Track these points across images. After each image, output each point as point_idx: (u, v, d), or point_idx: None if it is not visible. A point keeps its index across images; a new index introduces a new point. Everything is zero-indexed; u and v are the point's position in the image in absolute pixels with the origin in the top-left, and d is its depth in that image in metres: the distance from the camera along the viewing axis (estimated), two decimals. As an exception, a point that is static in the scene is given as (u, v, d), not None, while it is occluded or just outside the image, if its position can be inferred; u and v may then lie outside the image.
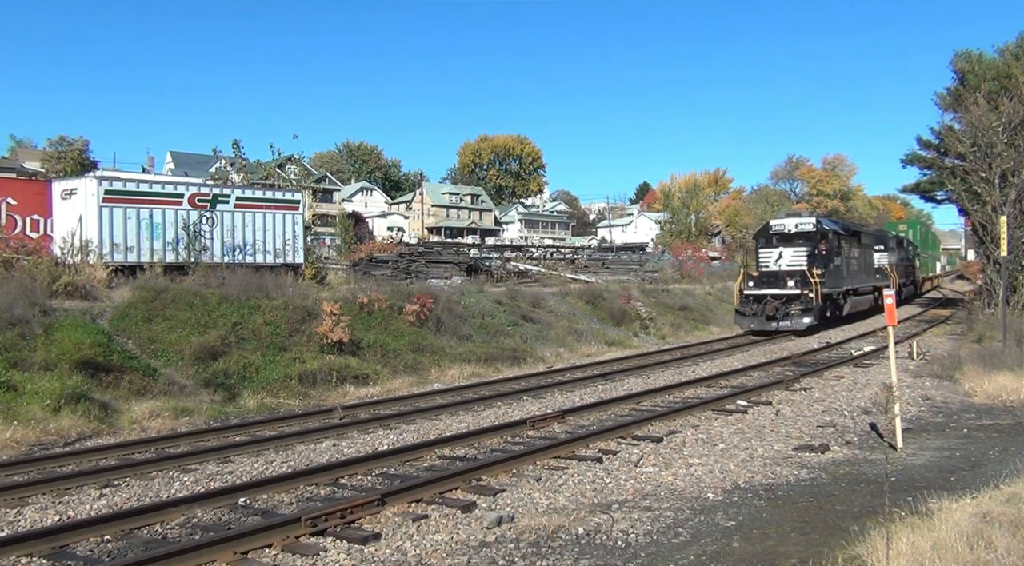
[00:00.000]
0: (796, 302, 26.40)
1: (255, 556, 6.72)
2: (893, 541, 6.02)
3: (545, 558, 6.63)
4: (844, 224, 35.19)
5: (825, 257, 28.14)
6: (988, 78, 28.69)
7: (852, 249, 32.47)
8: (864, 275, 34.03)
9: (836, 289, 29.29)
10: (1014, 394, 14.23)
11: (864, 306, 34.21)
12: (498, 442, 11.26)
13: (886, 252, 39.59)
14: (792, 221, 29.00)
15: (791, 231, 28.40)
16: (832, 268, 28.60)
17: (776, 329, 26.43)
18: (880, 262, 38.02)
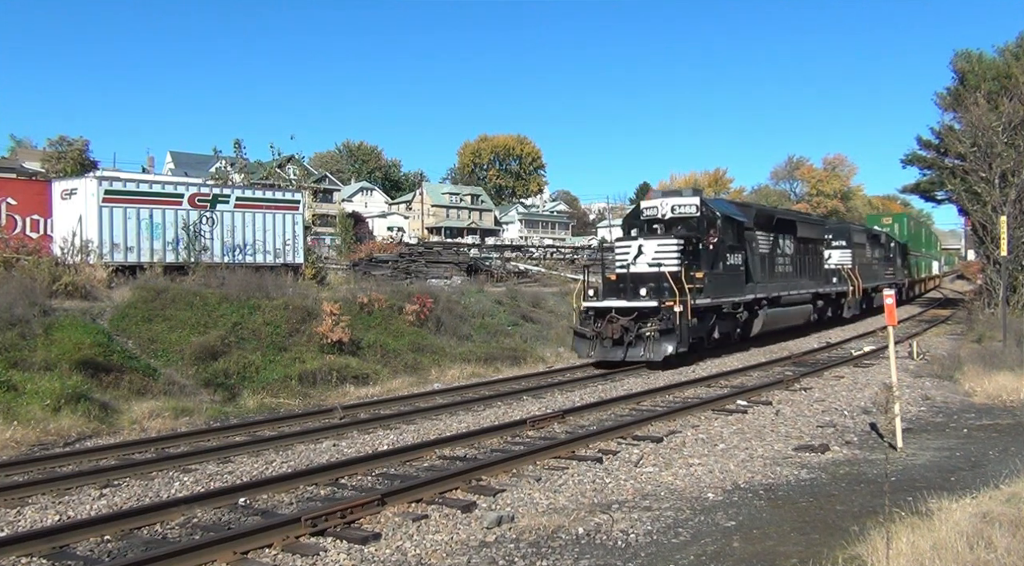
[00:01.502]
0: (654, 319, 18.51)
1: (255, 556, 6.72)
2: (893, 541, 6.02)
3: (545, 558, 6.63)
4: (761, 209, 27.45)
5: (712, 253, 20.59)
6: (988, 78, 28.69)
7: (777, 244, 25.66)
8: (802, 279, 27.32)
9: (729, 298, 21.16)
10: (1014, 394, 14.23)
11: (797, 320, 26.85)
12: (498, 442, 11.26)
13: (848, 250, 33.33)
14: (668, 202, 20.97)
15: (665, 216, 20.79)
16: (725, 269, 21.17)
17: (623, 359, 18.61)
18: (838, 262, 32.32)
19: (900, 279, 43.08)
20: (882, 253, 40.32)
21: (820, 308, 29.45)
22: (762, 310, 23.44)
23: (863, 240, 36.62)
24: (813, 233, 29.50)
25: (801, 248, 27.84)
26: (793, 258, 26.96)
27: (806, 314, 27.72)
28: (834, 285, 30.60)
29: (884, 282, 38.67)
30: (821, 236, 30.61)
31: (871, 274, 36.62)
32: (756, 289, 22.98)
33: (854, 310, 32.62)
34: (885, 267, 40.29)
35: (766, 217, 25.62)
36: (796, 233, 27.25)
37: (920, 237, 57.41)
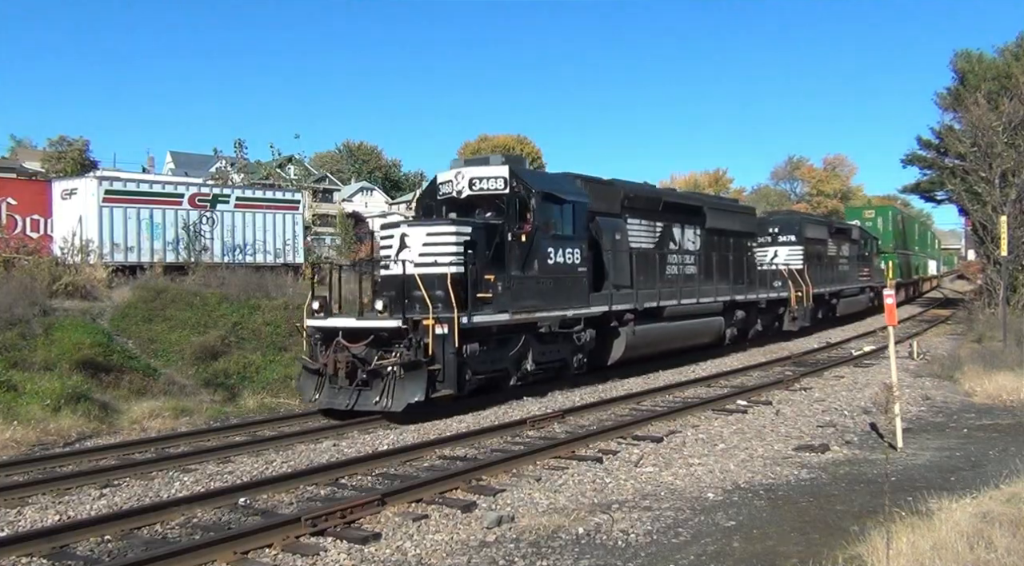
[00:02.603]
0: (399, 347, 12.77)
1: (255, 556, 6.72)
2: (893, 541, 6.02)
3: (545, 558, 6.63)
4: (635, 189, 19.85)
5: (525, 247, 14.58)
6: (988, 78, 28.68)
7: (670, 237, 20.14)
8: (713, 283, 21.23)
9: (552, 312, 15.11)
10: (1014, 394, 14.22)
11: (697, 338, 20.68)
12: (498, 442, 11.26)
13: (798, 247, 28.09)
14: (467, 174, 14.99)
15: (462, 193, 14.94)
16: (546, 269, 14.93)
17: (350, 407, 12.76)
18: (786, 261, 27.21)
19: (879, 281, 36.98)
20: (854, 251, 34.84)
21: (743, 320, 23.18)
22: (626, 327, 17.37)
23: (822, 235, 30.94)
24: (736, 224, 23.61)
25: (715, 243, 21.96)
26: (700, 256, 21.10)
27: (713, 330, 21.24)
28: (772, 290, 24.86)
29: (855, 285, 33.88)
30: (750, 229, 24.87)
31: (835, 276, 31.57)
32: (618, 298, 17.03)
33: (802, 321, 26.63)
34: (858, 267, 35.04)
35: (646, 200, 19.66)
36: (704, 223, 21.61)
37: (911, 233, 51.57)
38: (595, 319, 16.60)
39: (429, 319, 12.48)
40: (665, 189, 24.49)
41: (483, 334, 13.77)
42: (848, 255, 34.13)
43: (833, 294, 31.09)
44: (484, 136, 61.30)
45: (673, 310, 19.34)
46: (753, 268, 24.34)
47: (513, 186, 14.83)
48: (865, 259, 36.70)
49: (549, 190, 15.40)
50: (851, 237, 34.78)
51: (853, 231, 35.91)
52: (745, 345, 23.84)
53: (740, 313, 23.03)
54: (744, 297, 22.94)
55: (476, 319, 13.38)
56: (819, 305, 29.26)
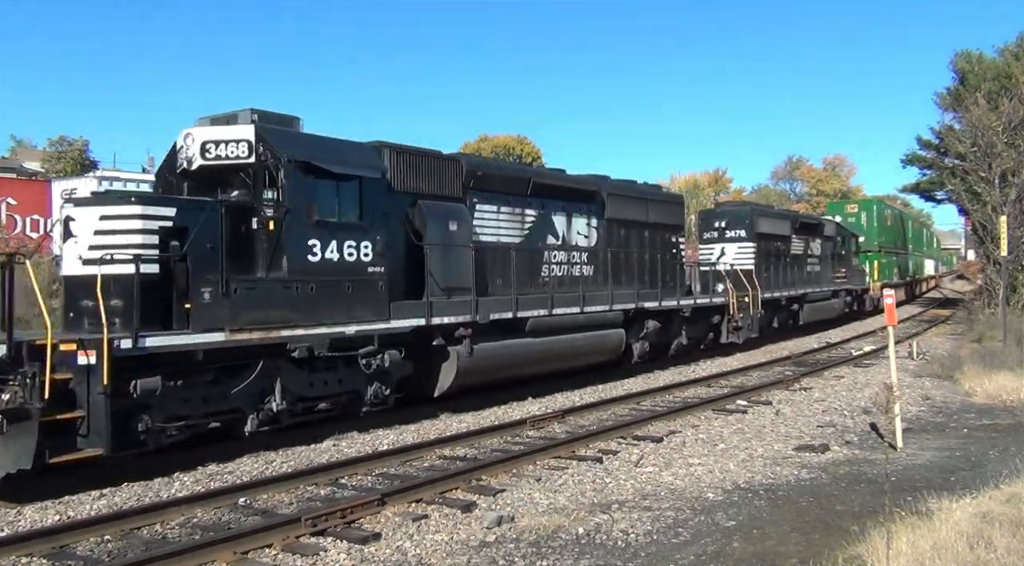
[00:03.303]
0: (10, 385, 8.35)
1: (255, 556, 6.72)
2: (893, 541, 6.02)
3: (545, 558, 6.63)
4: (483, 165, 15.89)
5: (271, 236, 10.82)
6: (988, 78, 28.66)
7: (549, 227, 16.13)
8: (611, 288, 16.98)
9: (318, 329, 11.11)
10: (1014, 394, 14.23)
11: (580, 358, 16.36)
12: (498, 442, 11.26)
13: (749, 244, 24.46)
14: (200, 136, 11.07)
15: (193, 161, 11.11)
16: (293, 269, 10.92)
17: None
18: (734, 260, 23.57)
19: (859, 283, 34.11)
20: (827, 249, 30.95)
21: (658, 332, 18.65)
22: (460, 346, 13.08)
23: (782, 230, 26.89)
24: (652, 215, 19.33)
25: (619, 238, 18.11)
26: (596, 253, 17.15)
27: (610, 346, 16.94)
28: (703, 295, 21.32)
29: (826, 288, 29.79)
30: (676, 221, 20.69)
31: (800, 278, 27.55)
32: (445, 308, 12.88)
33: (749, 331, 22.26)
34: (832, 268, 31.23)
35: (507, 180, 15.20)
36: (603, 212, 17.62)
37: (903, 230, 47.16)
38: (402, 337, 12.26)
39: (48, 341, 8.38)
40: (541, 169, 18.49)
41: (179, 364, 9.65)
42: (819, 254, 30.05)
43: (794, 299, 26.75)
44: (484, 136, 61.26)
45: (540, 323, 14.83)
46: (677, 268, 20.19)
47: (260, 153, 10.85)
48: (842, 258, 32.71)
49: (310, 159, 11.13)
50: (823, 233, 30.66)
51: (826, 227, 31.57)
52: (665, 363, 19.65)
53: (652, 324, 18.35)
54: (658, 304, 18.41)
55: (153, 342, 9.20)
56: (775, 311, 25.22)
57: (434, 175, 13.60)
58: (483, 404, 14.07)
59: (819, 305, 29.13)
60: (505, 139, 60.65)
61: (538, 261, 15.74)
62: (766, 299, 23.69)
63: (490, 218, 14.84)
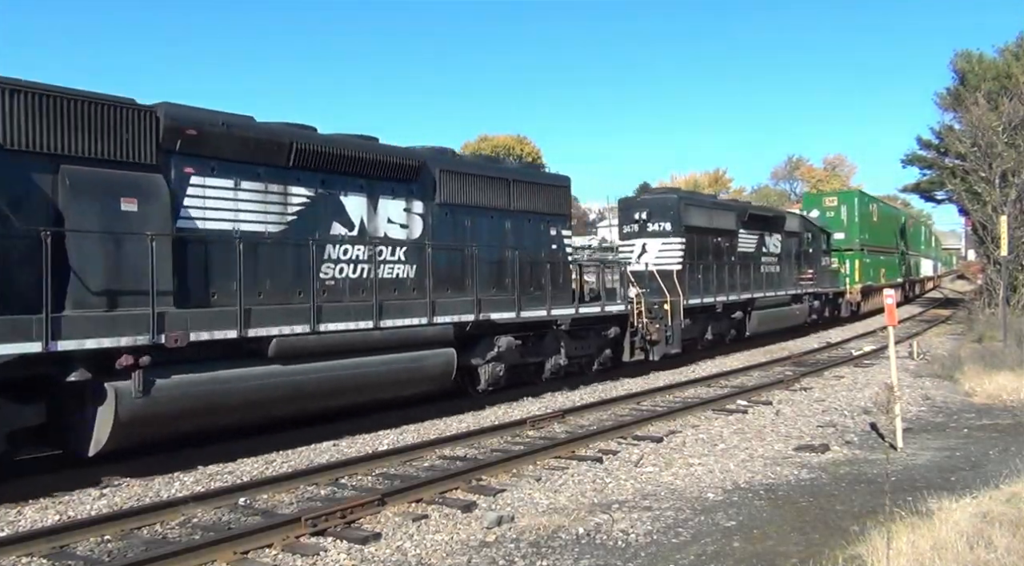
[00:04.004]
0: None
1: (255, 556, 6.72)
2: (893, 541, 6.02)
3: (545, 558, 6.63)
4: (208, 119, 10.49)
5: None
6: (988, 78, 28.69)
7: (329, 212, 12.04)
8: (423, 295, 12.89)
9: None
10: (1014, 394, 14.24)
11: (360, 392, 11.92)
12: (498, 442, 11.26)
13: (676, 240, 20.44)
14: None
15: None
16: None
17: None
18: (656, 261, 19.92)
19: (830, 286, 30.36)
20: (789, 246, 26.85)
21: (522, 351, 14.78)
22: (120, 384, 8.89)
23: (724, 223, 22.87)
24: (517, 201, 15.30)
25: (460, 228, 14.10)
26: (418, 250, 13.08)
27: (428, 372, 12.75)
28: (595, 303, 16.81)
29: (785, 291, 25.74)
30: (556, 209, 16.48)
31: (749, 280, 23.31)
32: (103, 324, 8.89)
33: (666, 347, 18.58)
34: (794, 268, 27.24)
35: (253, 143, 10.93)
36: (432, 196, 13.56)
37: (896, 227, 42.93)
38: None
39: None
40: (317, 134, 12.22)
41: None
42: (778, 252, 25.99)
43: (737, 305, 22.49)
44: (484, 136, 61.31)
45: (295, 344, 10.72)
46: (559, 269, 16.23)
47: None
48: (809, 257, 28.56)
49: None
50: (784, 228, 26.68)
51: (788, 221, 27.49)
52: (540, 383, 15.63)
53: (507, 341, 14.17)
54: (515, 315, 14.35)
55: None
56: (710, 321, 21.35)
57: (95, 130, 9.30)
58: (483, 404, 14.09)
59: (774, 312, 24.83)
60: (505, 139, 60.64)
61: (312, 258, 11.21)
62: (694, 306, 19.96)
63: (217, 196, 10.58)
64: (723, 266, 22.04)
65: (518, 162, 16.33)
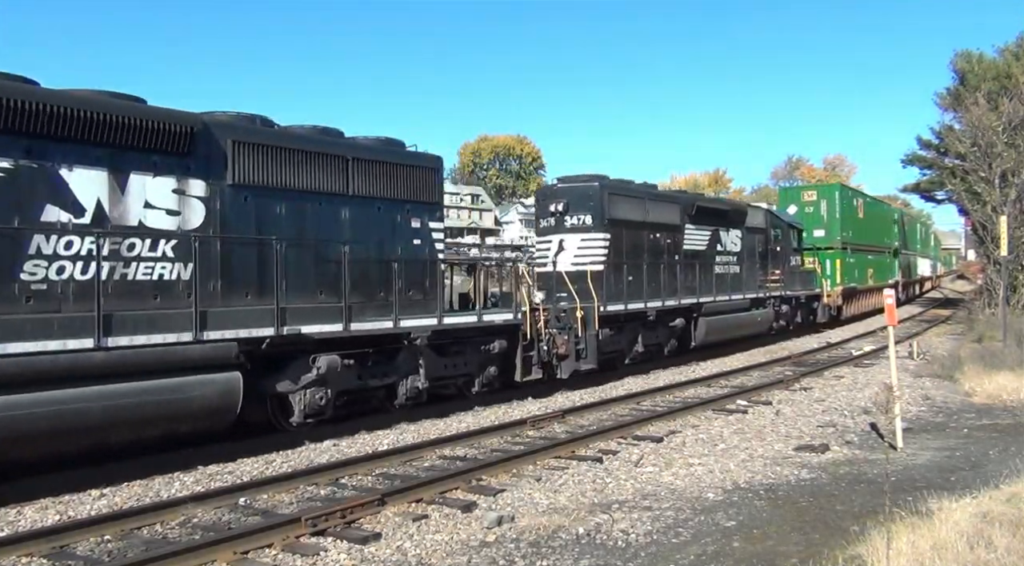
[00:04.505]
0: None
1: (255, 556, 6.72)
2: (893, 541, 6.03)
3: (545, 558, 6.63)
4: None
5: None
6: (988, 78, 28.70)
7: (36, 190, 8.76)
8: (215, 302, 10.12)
9: None
10: (1014, 394, 14.23)
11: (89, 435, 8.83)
12: (498, 442, 11.26)
13: (598, 235, 17.62)
14: None
15: None
16: None
17: None
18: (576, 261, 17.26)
19: (803, 288, 27.41)
20: (750, 243, 24.03)
21: (346, 374, 11.69)
22: None
23: (665, 217, 19.94)
24: (360, 182, 12.34)
25: (277, 216, 11.19)
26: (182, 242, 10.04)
27: (198, 406, 9.70)
28: (465, 313, 14.26)
29: (743, 295, 22.63)
30: (418, 194, 13.27)
31: (702, 282, 20.84)
32: None
33: (581, 362, 16.20)
34: (758, 268, 24.35)
35: None
36: (218, 175, 10.51)
37: (888, 225, 40.16)
38: None
39: None
40: None
41: None
42: (737, 250, 23.14)
43: (677, 312, 19.53)
44: (484, 136, 61.57)
45: None
46: (425, 270, 13.26)
47: None
48: (777, 256, 25.61)
49: None
50: (746, 224, 23.76)
51: (750, 215, 24.43)
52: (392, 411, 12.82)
53: (328, 361, 11.24)
54: (341, 328, 11.50)
55: None
56: (638, 331, 18.33)
57: None
58: (483, 404, 14.08)
59: (728, 319, 21.66)
60: (505, 139, 60.74)
61: None
62: (615, 313, 17.18)
63: None
64: (663, 266, 19.27)
65: (374, 139, 13.19)
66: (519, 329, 14.70)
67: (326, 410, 11.54)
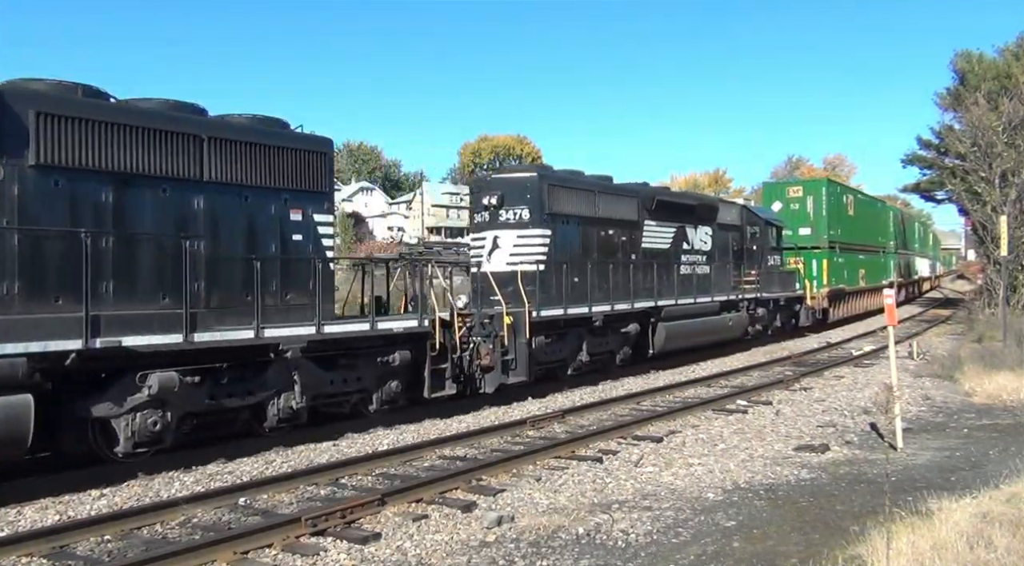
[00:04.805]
0: None
1: (255, 556, 6.72)
2: (893, 541, 6.02)
3: (545, 558, 6.63)
4: None
5: None
6: (988, 78, 28.70)
7: None
8: None
9: None
10: (1014, 394, 14.23)
11: None
12: (498, 442, 11.26)
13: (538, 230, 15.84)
14: None
15: None
16: None
17: None
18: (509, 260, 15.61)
19: (782, 290, 25.36)
20: (722, 242, 22.25)
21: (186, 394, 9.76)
22: None
23: (621, 212, 18.20)
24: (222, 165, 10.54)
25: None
26: None
27: None
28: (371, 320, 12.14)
29: (711, 298, 20.73)
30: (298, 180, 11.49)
31: (662, 284, 18.90)
32: None
33: (510, 375, 14.44)
34: (730, 268, 22.53)
35: None
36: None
37: (884, 224, 38.25)
38: None
39: None
40: None
41: None
42: (707, 249, 21.45)
43: (629, 316, 17.58)
44: (484, 136, 61.46)
45: None
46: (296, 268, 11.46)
47: None
48: (753, 256, 23.83)
49: None
50: (716, 220, 22.09)
51: (723, 211, 22.75)
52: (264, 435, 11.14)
53: (161, 379, 9.48)
54: (180, 339, 9.63)
55: None
56: (583, 339, 16.43)
57: None
58: (483, 404, 14.08)
59: (692, 324, 19.79)
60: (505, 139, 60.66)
61: None
62: (551, 319, 15.25)
63: None
64: (615, 266, 17.44)
65: (247, 117, 11.04)
66: (427, 338, 12.72)
67: (164, 437, 9.73)
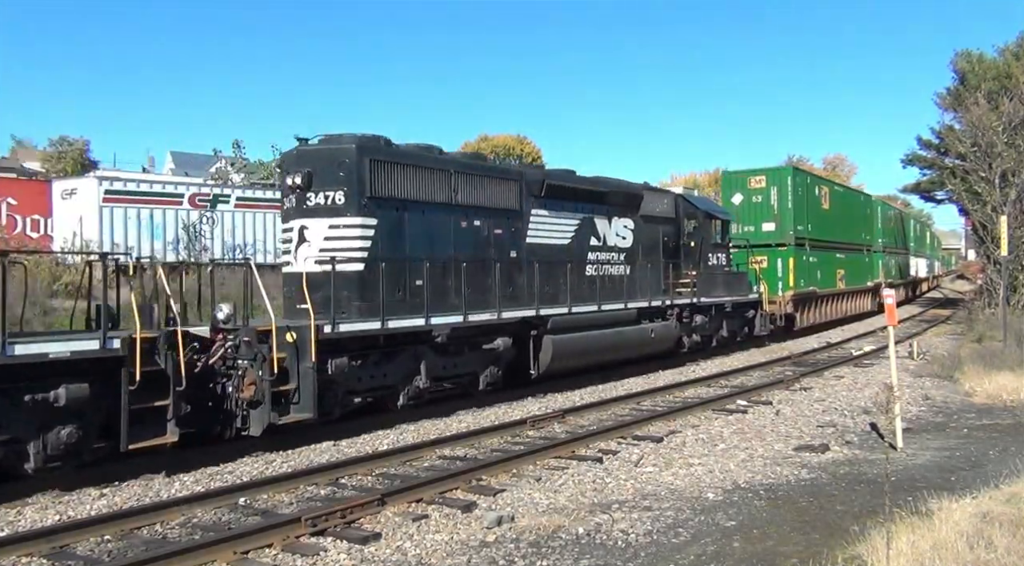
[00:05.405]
0: None
1: (255, 556, 6.72)
2: (893, 541, 6.03)
3: (545, 558, 6.63)
4: None
5: None
6: (988, 78, 28.72)
7: None
8: None
9: None
10: (1014, 394, 14.23)
11: None
12: (498, 442, 11.26)
13: (356, 219, 12.15)
14: None
15: None
16: None
17: None
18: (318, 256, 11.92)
19: (727, 293, 21.53)
20: (649, 237, 18.98)
21: None
22: None
23: (500, 200, 14.93)
24: None
25: None
26: None
27: None
28: None
29: (629, 304, 17.36)
30: None
31: (552, 287, 15.74)
32: None
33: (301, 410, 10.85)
34: (660, 268, 19.09)
35: None
36: None
37: (858, 217, 34.17)
38: None
39: None
40: None
41: None
42: (626, 245, 18.20)
43: (498, 328, 14.23)
44: (484, 136, 61.24)
45: None
46: None
47: None
48: (691, 254, 20.36)
49: None
50: (639, 210, 18.63)
51: (647, 199, 19.03)
52: None
53: None
54: None
55: None
56: (420, 358, 12.81)
57: None
58: (483, 404, 14.08)
59: (594, 337, 16.26)
60: (505, 139, 60.60)
61: None
62: (369, 335, 11.94)
63: None
64: (483, 266, 14.15)
65: None
66: (121, 366, 8.95)
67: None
